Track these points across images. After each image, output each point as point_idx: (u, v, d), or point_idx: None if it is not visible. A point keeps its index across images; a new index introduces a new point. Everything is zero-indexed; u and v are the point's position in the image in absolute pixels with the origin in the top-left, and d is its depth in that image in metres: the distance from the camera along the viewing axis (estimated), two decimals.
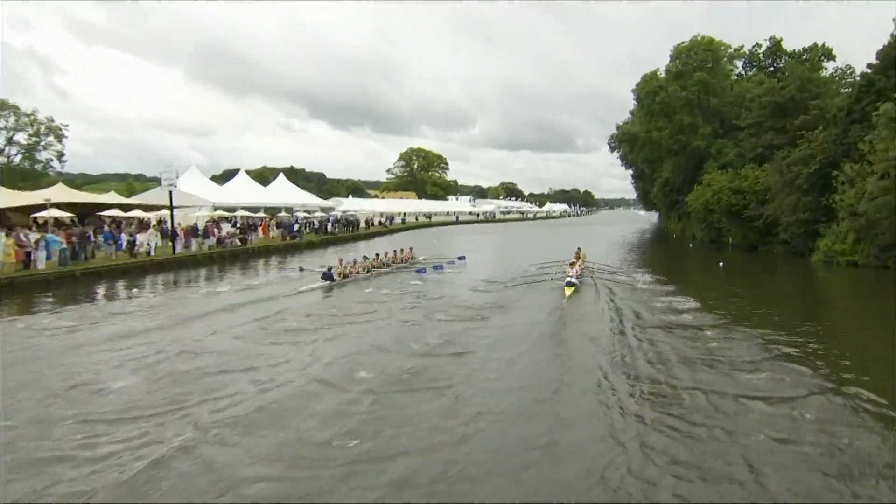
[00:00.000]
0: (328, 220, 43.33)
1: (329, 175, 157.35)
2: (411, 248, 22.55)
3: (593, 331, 9.96)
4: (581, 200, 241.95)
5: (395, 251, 21.17)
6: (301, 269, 19.11)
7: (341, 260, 18.25)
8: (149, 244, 21.58)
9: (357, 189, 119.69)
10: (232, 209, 40.59)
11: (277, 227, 31.66)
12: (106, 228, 21.73)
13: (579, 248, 21.48)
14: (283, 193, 50.52)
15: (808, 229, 24.66)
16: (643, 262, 24.79)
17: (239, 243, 26.32)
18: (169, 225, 23.34)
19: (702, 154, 38.01)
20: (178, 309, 12.22)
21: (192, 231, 24.50)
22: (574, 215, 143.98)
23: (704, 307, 12.86)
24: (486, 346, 8.42)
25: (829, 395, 7.09)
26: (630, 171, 69.12)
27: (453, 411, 5.87)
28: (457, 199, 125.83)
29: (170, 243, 22.61)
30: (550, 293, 14.29)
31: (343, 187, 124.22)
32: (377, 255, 19.62)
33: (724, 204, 29.53)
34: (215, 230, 26.06)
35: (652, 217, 78.22)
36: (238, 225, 32.33)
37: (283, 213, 43.73)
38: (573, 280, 15.52)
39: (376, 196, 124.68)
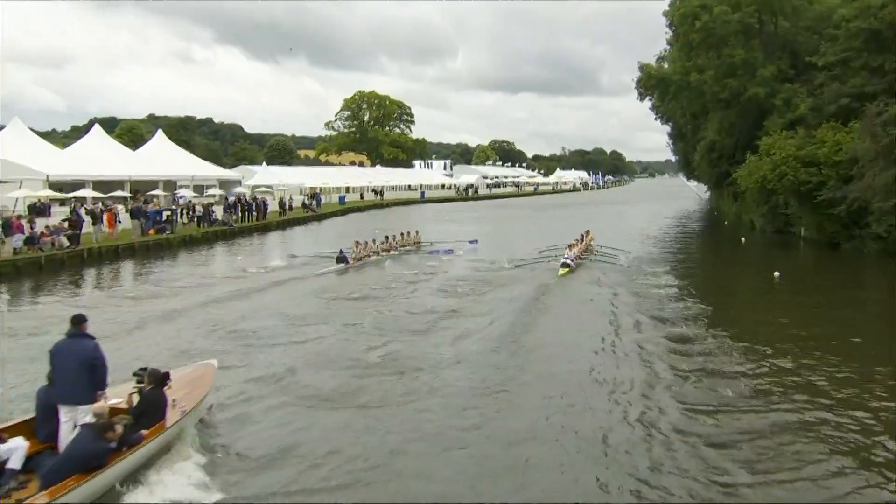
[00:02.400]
0: (227, 201, 41.45)
1: (249, 128, 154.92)
2: (417, 232, 29.34)
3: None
4: (607, 165, 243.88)
5: (401, 234, 27.98)
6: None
7: (357, 242, 24.57)
8: None
9: (283, 151, 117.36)
10: (77, 185, 38.21)
11: (133, 216, 29.49)
12: None
13: (588, 231, 28.10)
14: (162, 161, 48.09)
15: None
16: (666, 261, 25.47)
17: (66, 243, 24.20)
18: None
19: (761, 106, 37.07)
20: None
21: None
22: (596, 187, 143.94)
23: (725, 353, 12.07)
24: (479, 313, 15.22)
25: None
26: (668, 127, 69.17)
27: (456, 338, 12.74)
28: (427, 165, 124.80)
29: None
30: (545, 273, 21.11)
31: (265, 148, 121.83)
32: (386, 237, 26.60)
33: (790, 181, 28.40)
34: (25, 222, 23.86)
35: (705, 190, 78.18)
36: (76, 211, 30.17)
37: (156, 193, 41.57)
38: (569, 262, 21.65)
39: (322, 161, 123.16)
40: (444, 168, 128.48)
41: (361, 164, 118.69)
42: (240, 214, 38.63)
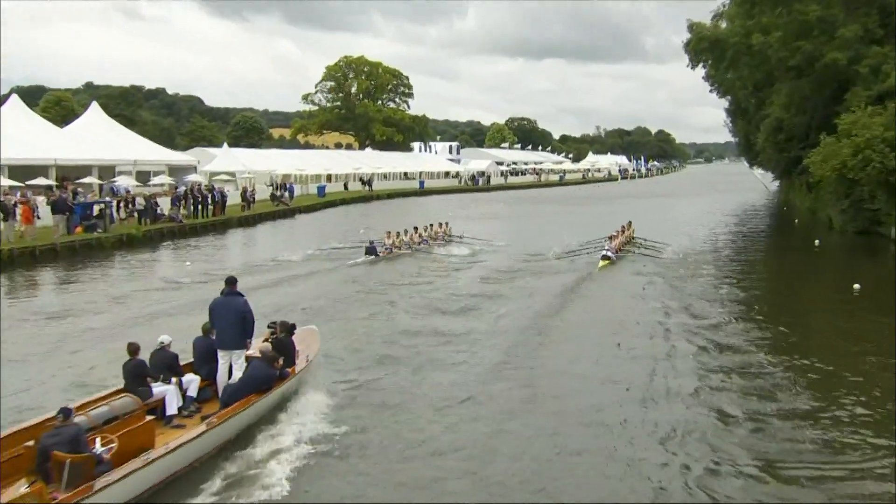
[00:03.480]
0: (176, 191, 41.54)
1: (210, 101, 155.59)
2: (448, 223, 33.36)
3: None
4: (652, 148, 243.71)
5: (430, 225, 32.03)
6: None
7: (389, 233, 28.77)
8: None
9: (251, 130, 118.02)
10: None
11: (55, 210, 29.52)
12: None
13: (630, 223, 31.95)
14: (97, 141, 48.14)
15: None
16: (720, 265, 26.63)
17: None
18: None
19: (841, 75, 36.82)
20: None
21: None
22: (637, 175, 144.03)
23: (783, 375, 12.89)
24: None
25: None
26: (727, 101, 68.92)
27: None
28: (428, 148, 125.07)
29: None
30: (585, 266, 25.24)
31: (229, 126, 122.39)
32: (416, 228, 30.66)
33: (877, 169, 28.19)
34: None
35: (771, 180, 77.96)
36: None
37: (88, 181, 41.62)
38: (609, 254, 25.41)
39: (300, 142, 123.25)
40: (450, 152, 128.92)
41: (349, 147, 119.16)
42: (192, 209, 38.80)
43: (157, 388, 9.93)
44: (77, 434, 7.68)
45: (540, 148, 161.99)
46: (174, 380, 10.20)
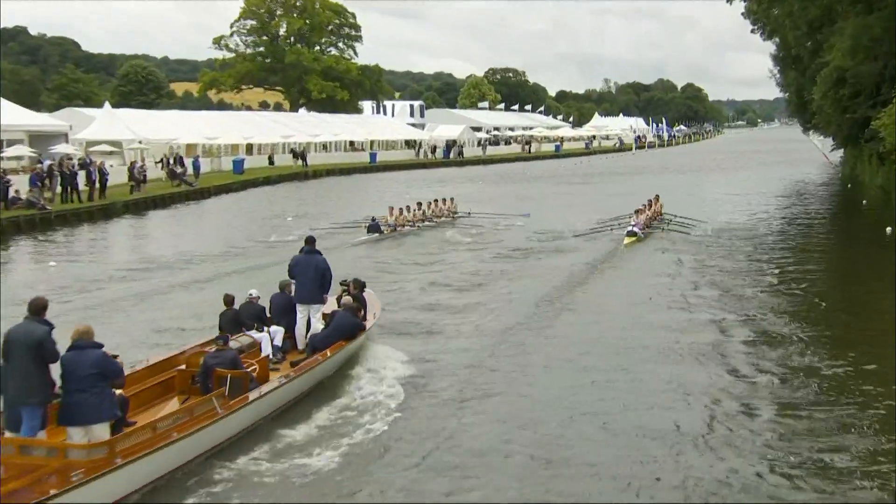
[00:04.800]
0: (39, 167, 41.03)
1: (89, 45, 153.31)
2: (453, 199, 38.45)
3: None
4: (678, 108, 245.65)
5: (434, 200, 37.04)
6: None
7: (392, 209, 33.38)
8: None
9: (144, 84, 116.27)
10: None
11: None
12: None
13: (657, 196, 36.37)
14: None
15: None
16: (762, 257, 27.85)
17: None
18: None
19: None
20: None
21: None
22: (658, 143, 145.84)
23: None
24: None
25: None
26: (773, 45, 69.32)
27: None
28: (383, 109, 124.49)
29: None
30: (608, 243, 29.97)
31: (115, 79, 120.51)
32: (419, 204, 35.47)
33: None
34: None
35: (830, 147, 78.49)
36: None
37: None
38: (635, 229, 29.93)
39: (212, 101, 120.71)
40: (412, 114, 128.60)
41: (278, 108, 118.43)
42: (59, 190, 38.43)
43: (253, 335, 14.02)
44: (235, 356, 12.18)
45: (530, 108, 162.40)
46: (265, 329, 14.35)
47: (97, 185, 40.67)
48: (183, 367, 12.63)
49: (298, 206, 45.15)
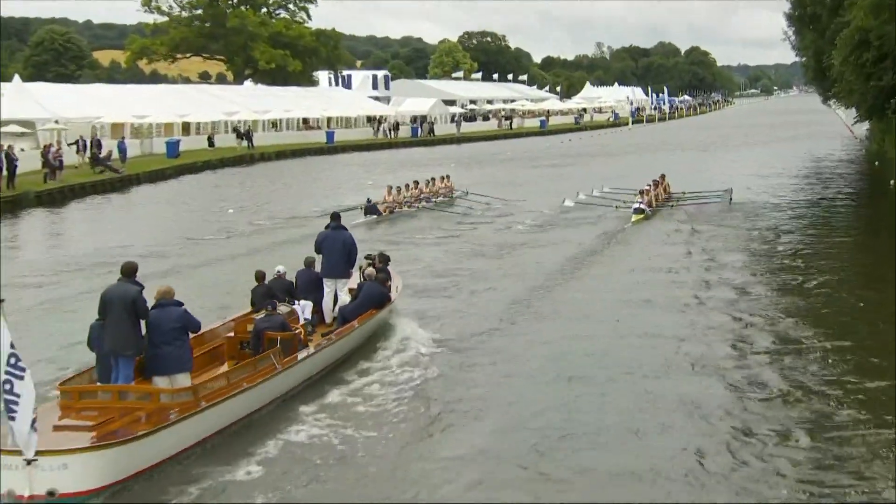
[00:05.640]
0: None
1: None
2: (448, 177, 42.47)
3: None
4: (682, 76, 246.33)
5: (431, 178, 40.87)
6: None
7: (389, 188, 37.41)
8: None
9: (62, 53, 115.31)
10: None
11: None
12: None
13: (663, 176, 39.51)
14: None
15: None
16: (771, 251, 28.19)
17: None
18: None
19: None
20: None
21: None
22: (659, 116, 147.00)
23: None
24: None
25: None
26: (787, 1, 69.61)
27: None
28: (343, 81, 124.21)
29: None
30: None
31: (27, 48, 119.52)
32: (416, 182, 39.25)
33: None
34: None
35: (853, 120, 78.94)
36: None
37: None
38: (642, 206, 33.36)
39: (144, 72, 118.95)
40: (376, 86, 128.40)
41: (220, 80, 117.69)
42: None
43: (290, 306, 16.32)
44: (284, 320, 14.82)
45: (511, 78, 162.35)
46: (297, 302, 16.57)
47: (4, 172, 40.54)
48: (231, 334, 15.28)
49: (242, 196, 45.21)
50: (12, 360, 9.88)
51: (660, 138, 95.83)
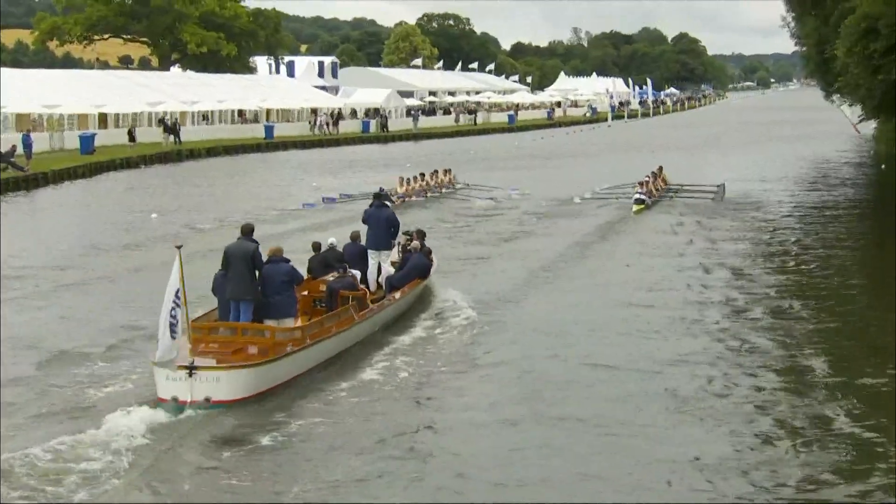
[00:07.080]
0: None
1: None
2: (451, 170, 49.05)
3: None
4: (668, 66, 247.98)
5: (435, 171, 47.58)
6: None
7: (402, 179, 44.52)
8: None
9: None
10: None
11: None
12: None
13: (661, 168, 46.09)
14: None
15: None
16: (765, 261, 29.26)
17: None
18: None
19: None
20: None
21: None
22: (641, 113, 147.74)
23: None
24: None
25: None
26: None
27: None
28: (284, 68, 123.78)
29: None
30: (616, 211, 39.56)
31: None
32: (422, 174, 45.71)
33: None
34: None
35: (858, 117, 79.75)
36: None
37: None
38: (642, 196, 39.12)
39: (55, 55, 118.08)
40: (322, 74, 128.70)
41: (144, 65, 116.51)
42: None
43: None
44: (354, 281, 19.12)
45: (476, 67, 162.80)
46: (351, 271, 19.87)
47: None
48: (305, 293, 19.14)
49: (166, 199, 44.76)
50: (178, 294, 14.61)
51: (642, 137, 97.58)
